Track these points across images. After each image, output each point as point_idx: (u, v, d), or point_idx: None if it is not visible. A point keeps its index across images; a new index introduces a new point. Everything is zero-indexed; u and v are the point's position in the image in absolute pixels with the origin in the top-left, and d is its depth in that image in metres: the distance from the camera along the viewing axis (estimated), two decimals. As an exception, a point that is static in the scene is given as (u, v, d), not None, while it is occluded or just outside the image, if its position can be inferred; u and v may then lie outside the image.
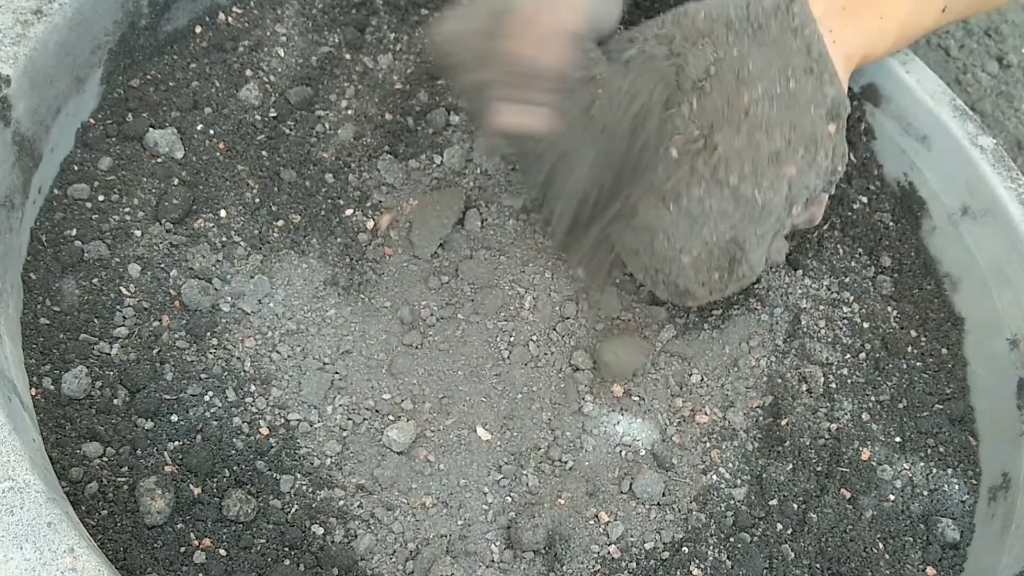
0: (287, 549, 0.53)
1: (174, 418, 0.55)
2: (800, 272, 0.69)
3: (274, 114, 0.67)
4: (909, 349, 0.68)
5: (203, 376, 0.57)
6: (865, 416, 0.65)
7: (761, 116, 0.54)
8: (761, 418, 0.64)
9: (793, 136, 0.55)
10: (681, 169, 0.55)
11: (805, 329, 0.67)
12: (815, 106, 0.56)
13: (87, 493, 0.51)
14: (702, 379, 0.65)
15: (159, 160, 0.63)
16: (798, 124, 0.55)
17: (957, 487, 0.64)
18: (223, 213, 0.63)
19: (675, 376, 0.64)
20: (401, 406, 0.59)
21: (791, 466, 0.62)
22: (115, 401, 0.54)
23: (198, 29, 0.69)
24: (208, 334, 0.59)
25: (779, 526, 0.60)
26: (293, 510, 0.54)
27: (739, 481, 0.61)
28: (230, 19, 0.70)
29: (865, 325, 0.69)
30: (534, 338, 0.63)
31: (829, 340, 0.67)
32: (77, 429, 0.53)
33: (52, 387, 0.53)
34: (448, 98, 0.70)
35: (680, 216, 0.56)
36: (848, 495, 0.61)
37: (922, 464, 0.64)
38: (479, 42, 0.53)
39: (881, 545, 0.60)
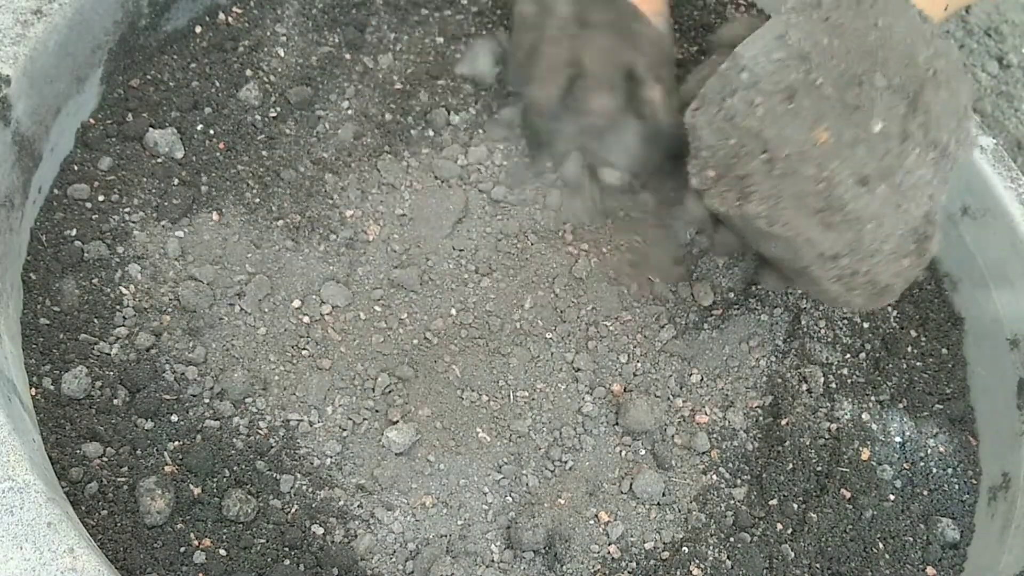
0: (287, 549, 0.53)
1: (174, 418, 0.55)
2: (800, 272, 0.69)
3: (274, 114, 0.67)
4: (909, 349, 0.68)
5: (203, 376, 0.57)
6: (865, 416, 0.65)
7: (943, 72, 0.54)
8: (761, 418, 0.64)
9: (967, 91, 0.55)
10: (889, 141, 0.53)
11: (805, 329, 0.67)
12: (962, 70, 0.56)
13: (87, 493, 0.51)
14: (702, 379, 0.64)
15: (159, 160, 0.63)
16: (966, 82, 0.56)
17: (957, 487, 0.64)
18: (223, 213, 0.63)
19: (675, 376, 0.64)
20: (401, 407, 0.59)
21: (791, 466, 0.62)
22: (115, 401, 0.54)
23: (198, 29, 0.69)
24: (208, 334, 0.59)
25: (779, 526, 0.60)
26: (293, 510, 0.54)
27: (739, 481, 0.61)
28: (230, 19, 0.70)
29: (865, 325, 0.69)
30: (534, 338, 0.63)
31: (829, 340, 0.67)
32: (77, 429, 0.53)
33: (52, 387, 0.53)
34: (448, 98, 0.70)
35: (892, 194, 0.54)
36: (848, 495, 0.61)
37: (922, 464, 0.64)
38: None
39: (881, 545, 0.60)
